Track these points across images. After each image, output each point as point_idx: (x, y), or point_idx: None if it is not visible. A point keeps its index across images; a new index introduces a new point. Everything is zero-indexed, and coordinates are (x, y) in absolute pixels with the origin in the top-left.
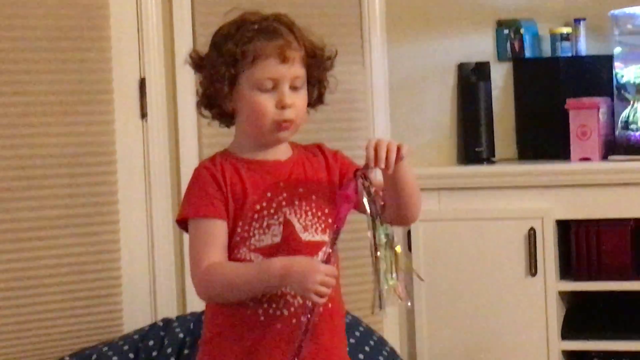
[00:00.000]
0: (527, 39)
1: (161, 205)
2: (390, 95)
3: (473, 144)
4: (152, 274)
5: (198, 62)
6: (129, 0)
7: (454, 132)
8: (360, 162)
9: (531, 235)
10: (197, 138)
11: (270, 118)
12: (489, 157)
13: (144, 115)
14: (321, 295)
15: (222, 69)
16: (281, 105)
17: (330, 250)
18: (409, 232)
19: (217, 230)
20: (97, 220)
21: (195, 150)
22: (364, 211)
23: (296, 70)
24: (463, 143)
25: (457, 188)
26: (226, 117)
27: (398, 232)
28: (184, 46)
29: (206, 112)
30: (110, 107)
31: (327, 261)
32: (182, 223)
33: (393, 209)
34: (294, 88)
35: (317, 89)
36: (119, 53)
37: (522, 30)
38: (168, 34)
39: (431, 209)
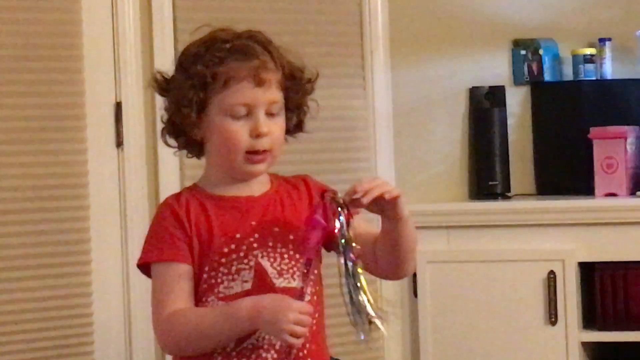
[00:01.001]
0: (547, 61)
1: (138, 244)
2: (394, 122)
3: (486, 177)
4: (128, 322)
5: (163, 85)
6: (103, 16)
7: (465, 165)
8: None
9: (551, 279)
10: (178, 169)
11: (243, 148)
12: (503, 192)
13: (119, 143)
14: (297, 336)
15: (190, 93)
16: (256, 134)
17: (302, 285)
18: (414, 275)
19: (181, 275)
20: (67, 261)
21: (177, 182)
22: (334, 245)
23: (272, 94)
24: (475, 176)
25: (468, 226)
26: (194, 147)
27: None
28: (164, 67)
29: (172, 141)
30: (83, 134)
31: (300, 297)
32: (145, 267)
33: (386, 262)
34: (270, 114)
35: (296, 115)
36: (93, 74)
37: (540, 51)
38: (147, 53)
39: (440, 249)
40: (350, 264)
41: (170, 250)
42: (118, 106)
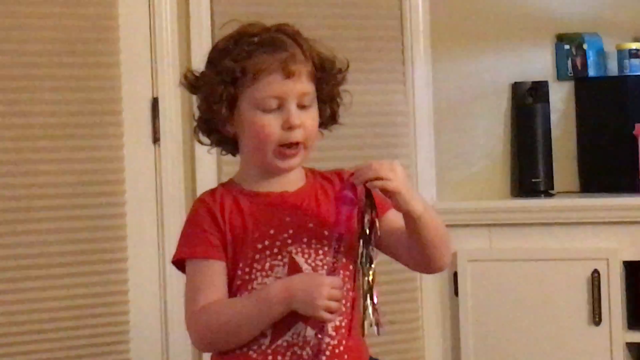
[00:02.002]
0: (591, 56)
1: (175, 240)
2: (435, 118)
3: (529, 174)
4: (164, 320)
5: (194, 83)
6: (141, 11)
7: (507, 161)
8: None
9: (595, 278)
10: (215, 165)
11: (274, 141)
12: (547, 190)
13: (156, 139)
14: (332, 311)
15: (220, 89)
16: (288, 126)
17: (334, 260)
18: (455, 274)
19: (215, 272)
20: (103, 258)
21: (214, 178)
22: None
23: (303, 86)
24: (517, 173)
25: (510, 224)
26: (227, 144)
27: (444, 274)
28: (202, 62)
29: (205, 139)
30: (119, 130)
31: (331, 272)
32: (180, 264)
33: (415, 256)
34: (302, 106)
35: (329, 106)
36: (130, 70)
37: (585, 46)
38: (184, 48)
39: (481, 247)
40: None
41: (204, 247)
42: (155, 102)
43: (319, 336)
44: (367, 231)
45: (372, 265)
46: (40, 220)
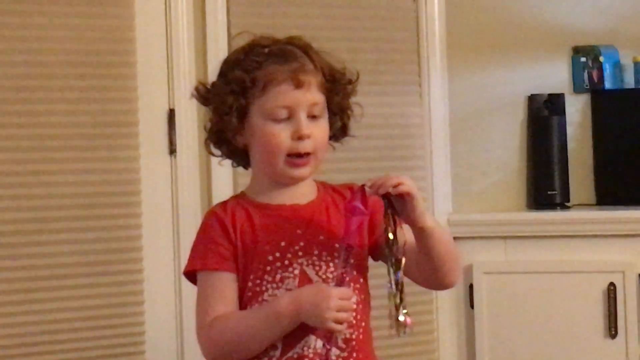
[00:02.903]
0: (607, 68)
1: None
2: (450, 130)
3: (545, 186)
4: (180, 330)
5: (204, 95)
6: (157, 22)
7: (523, 173)
8: None
9: (611, 291)
10: (231, 176)
11: (284, 150)
12: (562, 202)
13: (172, 150)
14: (340, 322)
15: (230, 99)
16: (298, 136)
17: (343, 271)
18: (470, 286)
19: (225, 284)
20: (119, 269)
21: (229, 189)
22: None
23: (313, 96)
24: (533, 186)
25: (526, 237)
26: (239, 156)
27: (459, 286)
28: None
29: (216, 151)
30: (136, 141)
31: (340, 283)
32: (191, 275)
33: (424, 272)
34: (312, 117)
35: (339, 118)
36: (146, 81)
37: (601, 58)
38: (200, 60)
39: (497, 259)
40: (393, 266)
41: (215, 259)
42: (171, 113)
43: (327, 347)
44: (392, 236)
45: (401, 266)
46: (56, 231)
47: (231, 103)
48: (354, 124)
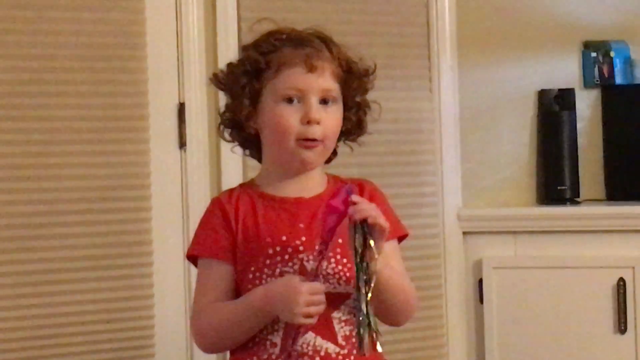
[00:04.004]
0: (618, 63)
1: None
2: (461, 125)
3: (555, 182)
4: (189, 323)
5: (221, 79)
6: (167, 16)
7: (533, 169)
8: (420, 203)
9: (620, 286)
10: (241, 170)
11: (293, 133)
12: (572, 197)
13: (182, 144)
14: (311, 316)
15: (244, 80)
16: (307, 120)
17: (317, 266)
18: (480, 281)
19: (219, 274)
20: (129, 263)
21: (239, 183)
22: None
23: (326, 81)
24: (543, 181)
25: (536, 232)
26: (251, 143)
27: (469, 281)
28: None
29: (227, 135)
30: (146, 135)
31: (314, 278)
32: (193, 259)
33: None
34: (324, 102)
35: (355, 114)
36: (156, 75)
37: (612, 53)
38: (211, 54)
39: (506, 255)
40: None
41: (212, 248)
42: (181, 107)
43: (291, 340)
44: (360, 259)
45: (370, 285)
46: (66, 225)
47: (244, 84)
48: (368, 121)
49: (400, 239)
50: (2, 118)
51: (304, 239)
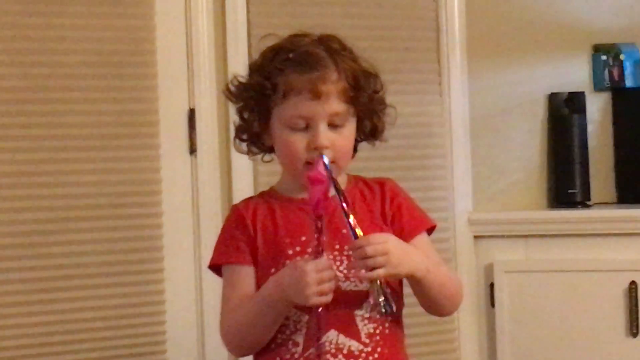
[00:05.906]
0: (628, 66)
1: (211, 251)
2: (471, 129)
3: (565, 185)
4: (201, 329)
5: (235, 93)
6: (177, 22)
7: (544, 172)
8: (431, 207)
9: (632, 290)
10: (251, 176)
11: (301, 159)
12: (583, 201)
13: (193, 150)
14: (325, 293)
15: (252, 104)
16: (314, 146)
17: (317, 242)
18: (491, 285)
19: (242, 277)
20: (140, 269)
21: (250, 189)
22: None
23: (332, 106)
24: (554, 184)
25: (546, 235)
26: (266, 150)
27: (480, 285)
28: (238, 73)
29: (243, 148)
30: (156, 141)
31: (317, 256)
32: (216, 269)
33: (420, 302)
34: (333, 126)
35: (369, 121)
36: (166, 80)
37: (622, 56)
38: (221, 59)
39: (517, 258)
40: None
41: (234, 253)
42: (191, 113)
43: (318, 326)
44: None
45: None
46: (77, 231)
47: (252, 107)
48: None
49: (429, 231)
50: (13, 125)
51: (324, 238)
